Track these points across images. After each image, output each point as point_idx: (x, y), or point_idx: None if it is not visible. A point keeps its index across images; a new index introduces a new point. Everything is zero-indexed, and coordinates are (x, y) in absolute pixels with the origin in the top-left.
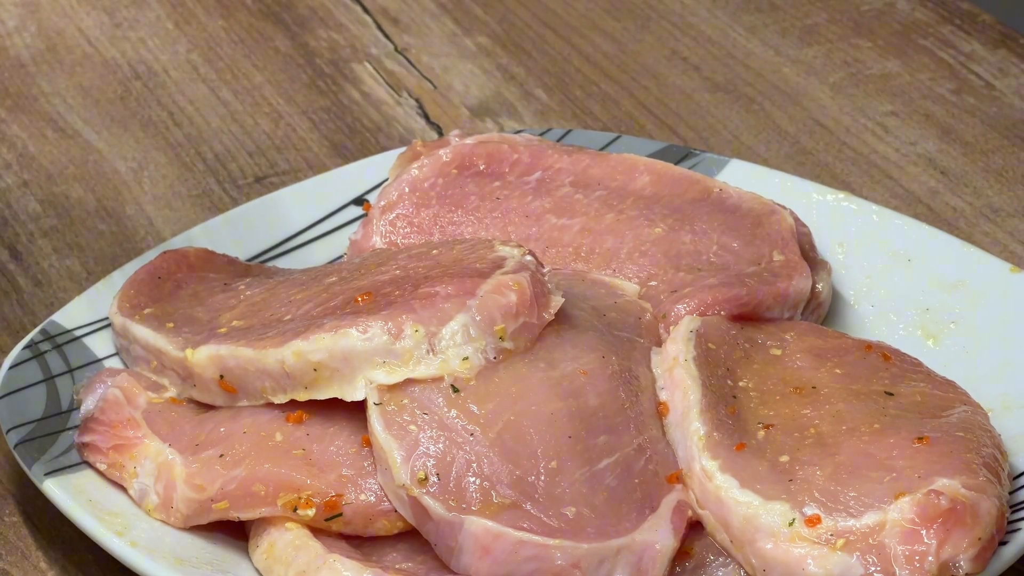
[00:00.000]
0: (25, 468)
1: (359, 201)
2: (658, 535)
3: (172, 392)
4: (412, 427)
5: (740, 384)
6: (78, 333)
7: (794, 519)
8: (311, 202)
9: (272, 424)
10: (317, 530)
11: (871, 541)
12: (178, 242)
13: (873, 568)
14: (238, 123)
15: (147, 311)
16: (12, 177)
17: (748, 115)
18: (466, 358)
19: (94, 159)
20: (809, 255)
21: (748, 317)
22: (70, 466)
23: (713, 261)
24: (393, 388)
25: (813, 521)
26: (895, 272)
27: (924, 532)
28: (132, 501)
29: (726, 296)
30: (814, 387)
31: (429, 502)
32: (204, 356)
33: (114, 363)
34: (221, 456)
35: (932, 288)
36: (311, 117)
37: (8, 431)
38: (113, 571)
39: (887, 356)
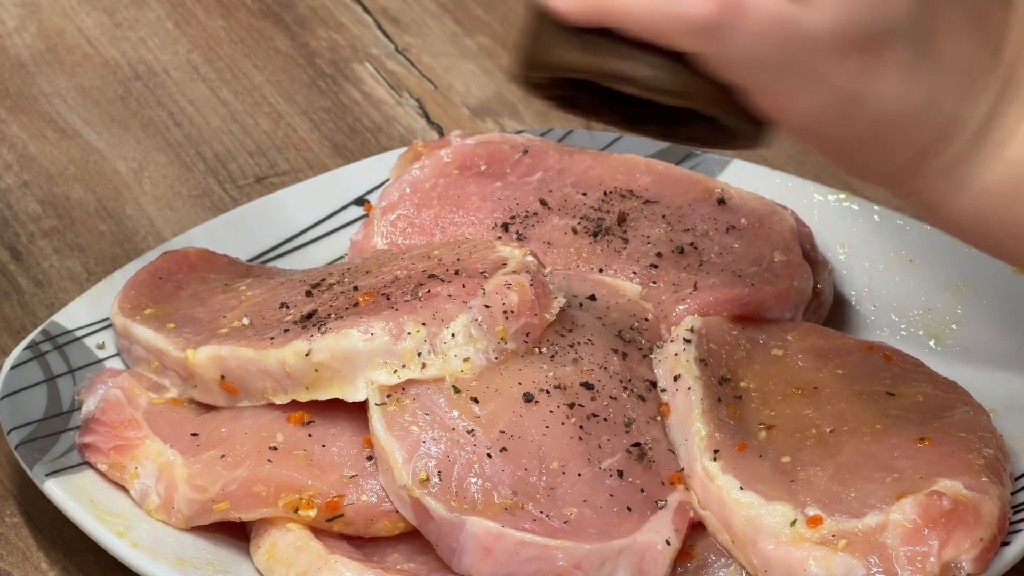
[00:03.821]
0: (26, 469)
1: (360, 201)
2: (660, 536)
3: (173, 393)
4: (413, 428)
5: (742, 384)
6: (79, 334)
7: (796, 520)
8: (312, 202)
9: (273, 425)
10: (318, 531)
11: (873, 542)
12: (179, 242)
13: (875, 569)
14: (238, 123)
15: (148, 312)
16: (12, 177)
17: None
18: (467, 359)
19: (94, 159)
20: (810, 255)
21: (750, 317)
22: (71, 467)
23: (715, 262)
24: (395, 388)
25: (815, 522)
26: (897, 272)
27: (926, 533)
28: (133, 502)
29: (728, 296)
30: (816, 387)
31: (430, 503)
32: (205, 357)
33: (115, 364)
34: (222, 457)
35: (934, 288)
36: (311, 117)
37: (9, 432)
38: (114, 572)
39: (889, 356)
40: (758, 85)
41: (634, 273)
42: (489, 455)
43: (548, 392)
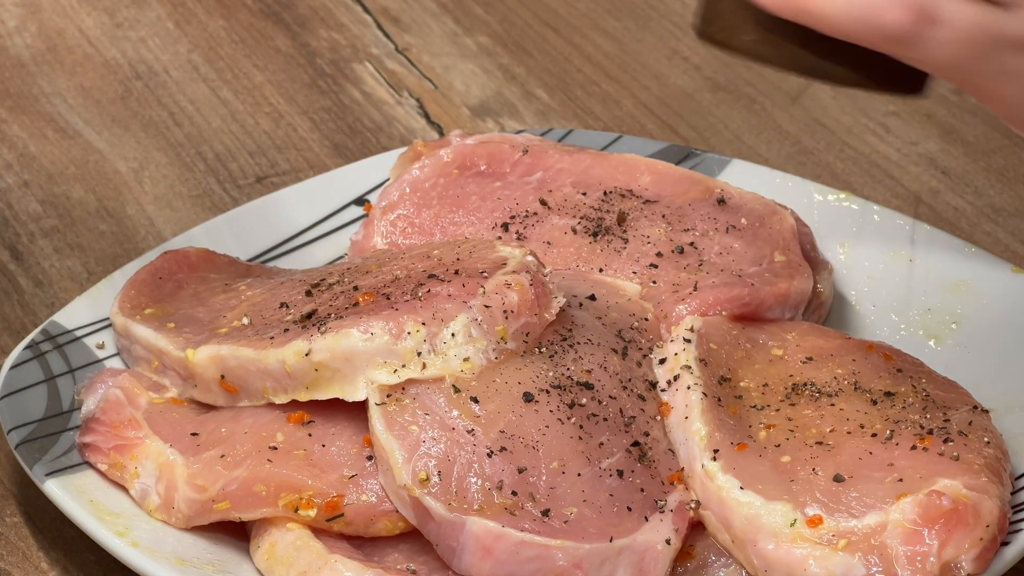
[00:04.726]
0: (26, 468)
1: (360, 201)
2: (660, 536)
3: (173, 392)
4: (413, 427)
5: (741, 384)
6: (79, 333)
7: (796, 519)
8: (312, 202)
9: (273, 424)
10: (318, 530)
11: (873, 542)
12: (179, 242)
13: (875, 569)
14: (239, 123)
15: (148, 311)
16: (13, 177)
17: (749, 115)
18: (467, 358)
19: (95, 159)
20: (810, 255)
21: (749, 317)
22: (71, 466)
23: (715, 261)
24: (394, 388)
25: (815, 522)
26: (896, 272)
27: (926, 533)
28: (133, 502)
29: (728, 296)
30: (816, 387)
31: (430, 502)
32: (205, 356)
33: (115, 363)
34: (222, 456)
35: (934, 288)
36: (312, 117)
37: (9, 431)
38: (114, 572)
39: (889, 356)
40: (961, 82)
41: (634, 273)
42: (489, 455)
43: (548, 392)
